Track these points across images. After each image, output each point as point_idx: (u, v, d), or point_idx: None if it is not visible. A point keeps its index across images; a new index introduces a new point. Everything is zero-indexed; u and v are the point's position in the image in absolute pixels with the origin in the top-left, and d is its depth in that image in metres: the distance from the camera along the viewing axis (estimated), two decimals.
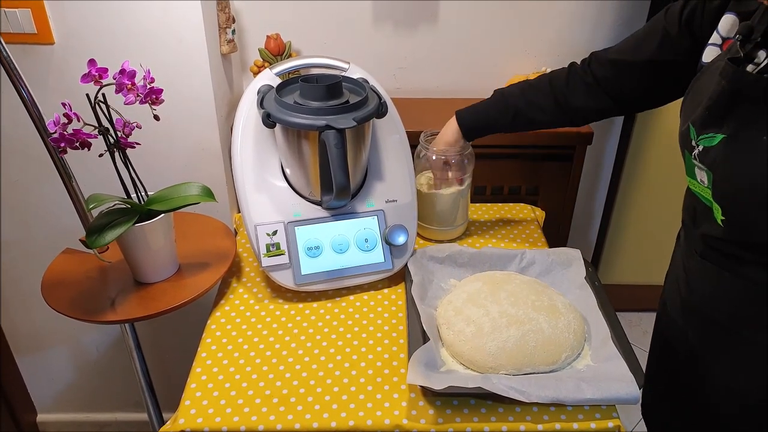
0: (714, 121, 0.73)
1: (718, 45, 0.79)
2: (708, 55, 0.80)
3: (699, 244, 0.86)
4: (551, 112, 1.01)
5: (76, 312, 0.96)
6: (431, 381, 0.80)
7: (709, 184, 0.75)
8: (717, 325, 0.86)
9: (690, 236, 0.89)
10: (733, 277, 0.80)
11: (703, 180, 0.77)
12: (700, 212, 0.82)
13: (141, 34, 1.13)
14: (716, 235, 0.79)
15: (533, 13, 1.45)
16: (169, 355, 1.57)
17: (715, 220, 0.77)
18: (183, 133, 1.24)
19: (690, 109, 0.80)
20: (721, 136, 0.72)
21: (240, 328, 0.99)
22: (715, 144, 0.73)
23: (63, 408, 1.70)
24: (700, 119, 0.75)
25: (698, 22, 0.82)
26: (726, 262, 0.81)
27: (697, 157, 0.76)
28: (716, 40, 0.79)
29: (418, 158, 1.17)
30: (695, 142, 0.76)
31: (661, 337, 1.04)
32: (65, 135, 0.86)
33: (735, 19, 0.76)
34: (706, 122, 0.74)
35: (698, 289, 0.88)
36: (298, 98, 0.96)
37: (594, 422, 0.82)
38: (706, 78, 0.78)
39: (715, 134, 0.73)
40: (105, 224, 0.91)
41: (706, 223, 0.80)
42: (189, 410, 0.84)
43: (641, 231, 1.89)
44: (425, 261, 1.07)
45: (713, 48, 0.79)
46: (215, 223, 1.18)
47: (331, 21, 1.43)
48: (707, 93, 0.74)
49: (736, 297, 0.81)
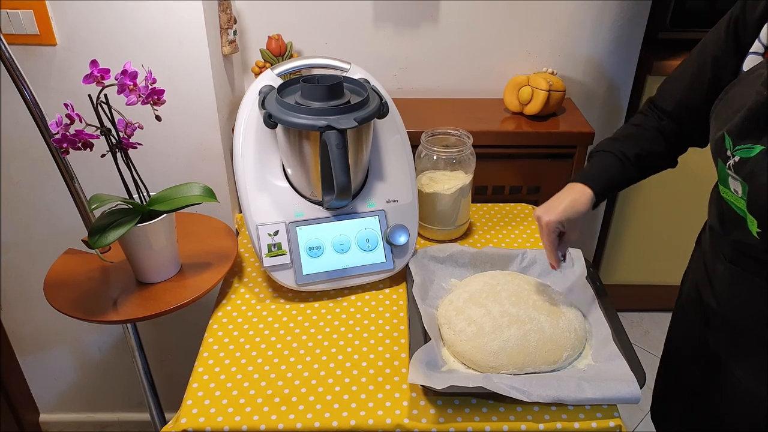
0: (752, 131, 0.71)
1: (760, 54, 0.76)
2: (748, 64, 0.78)
3: (729, 250, 0.83)
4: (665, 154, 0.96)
5: (79, 312, 0.96)
6: (432, 380, 0.80)
7: (744, 195, 0.73)
8: (744, 331, 0.84)
9: (718, 242, 0.87)
10: (765, 283, 0.78)
11: (737, 190, 0.74)
12: (731, 219, 0.80)
13: (143, 34, 1.13)
14: (751, 243, 0.76)
15: (534, 14, 1.45)
16: (170, 355, 1.58)
17: (750, 232, 0.75)
18: (184, 134, 1.24)
19: (724, 116, 0.77)
20: (760, 147, 0.69)
21: (242, 327, 0.99)
22: (753, 155, 0.70)
23: (65, 408, 1.70)
24: (737, 129, 0.72)
25: (742, 30, 0.79)
26: (758, 269, 0.79)
27: (732, 167, 0.74)
28: (758, 49, 0.76)
29: (420, 158, 1.17)
30: (731, 152, 0.73)
31: (677, 341, 1.03)
32: (67, 136, 0.86)
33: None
34: (744, 132, 0.72)
35: (725, 295, 0.86)
36: (300, 99, 0.97)
37: (595, 422, 0.82)
38: (744, 85, 0.75)
39: (754, 145, 0.70)
40: (107, 224, 0.91)
41: (738, 231, 0.78)
42: (191, 410, 0.84)
43: (642, 231, 1.89)
44: (426, 261, 1.07)
45: (755, 56, 0.77)
46: (217, 223, 1.18)
47: (332, 22, 1.43)
48: (745, 102, 0.72)
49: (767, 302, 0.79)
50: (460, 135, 1.17)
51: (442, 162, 1.16)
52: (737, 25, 0.79)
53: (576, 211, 0.90)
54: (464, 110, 1.48)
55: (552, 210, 0.89)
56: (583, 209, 0.90)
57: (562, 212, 0.89)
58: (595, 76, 1.55)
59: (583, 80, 1.55)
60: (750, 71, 0.76)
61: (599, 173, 0.93)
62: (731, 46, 0.80)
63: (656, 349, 1.99)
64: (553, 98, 1.40)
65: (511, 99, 1.45)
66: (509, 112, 1.47)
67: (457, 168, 1.17)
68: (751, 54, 0.77)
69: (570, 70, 1.53)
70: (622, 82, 1.57)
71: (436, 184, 1.16)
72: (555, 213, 0.89)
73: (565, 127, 1.40)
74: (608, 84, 1.57)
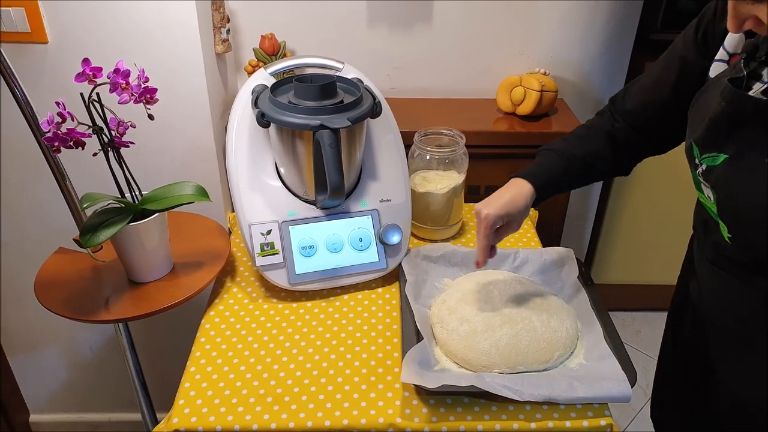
0: (715, 140, 0.72)
1: (725, 61, 0.77)
2: (714, 70, 0.79)
3: (710, 252, 0.85)
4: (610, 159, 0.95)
5: (70, 311, 0.95)
6: (425, 380, 0.80)
7: (715, 202, 0.75)
8: (729, 332, 0.85)
9: (702, 244, 0.89)
10: (741, 285, 0.80)
11: (709, 196, 0.76)
12: (710, 223, 0.81)
13: (135, 33, 1.13)
14: (725, 245, 0.78)
15: (526, 15, 1.45)
16: (162, 355, 1.57)
17: (722, 236, 0.77)
18: (177, 133, 1.24)
19: (693, 124, 0.78)
20: (724, 156, 0.71)
21: (234, 327, 0.99)
22: (718, 164, 0.72)
23: (56, 408, 1.69)
24: (702, 138, 0.74)
25: (711, 34, 0.80)
26: (736, 271, 0.80)
27: (701, 174, 0.76)
28: (723, 56, 0.78)
29: (413, 158, 1.17)
30: (698, 160, 0.75)
31: (673, 344, 1.04)
32: (59, 134, 0.86)
33: (741, 35, 0.75)
34: (708, 142, 0.73)
35: (709, 296, 0.88)
36: (293, 98, 0.97)
37: (586, 420, 0.82)
38: (709, 93, 0.76)
39: (718, 154, 0.72)
40: (99, 223, 0.91)
41: (715, 234, 0.79)
42: (183, 409, 0.84)
43: (634, 231, 1.90)
44: (419, 260, 1.08)
45: (720, 64, 0.78)
46: (209, 222, 1.18)
47: (325, 21, 1.43)
48: (708, 111, 0.73)
49: (746, 304, 0.81)
50: (453, 135, 1.18)
51: (435, 162, 1.17)
52: (707, 28, 0.80)
53: (516, 206, 0.90)
54: (457, 110, 1.49)
55: (492, 204, 0.89)
56: (523, 204, 0.90)
57: (501, 206, 0.89)
58: (586, 77, 1.56)
59: (575, 81, 1.56)
60: (715, 79, 0.77)
61: (542, 171, 0.93)
62: (700, 48, 0.81)
63: (648, 348, 2.00)
64: (545, 99, 1.40)
65: (504, 99, 1.45)
66: (502, 112, 1.48)
67: (450, 168, 1.17)
68: (716, 61, 0.78)
69: (562, 70, 1.54)
70: (614, 83, 1.58)
71: (429, 184, 1.16)
72: (495, 207, 0.88)
73: (557, 128, 1.41)
74: (600, 85, 1.58)
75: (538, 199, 0.92)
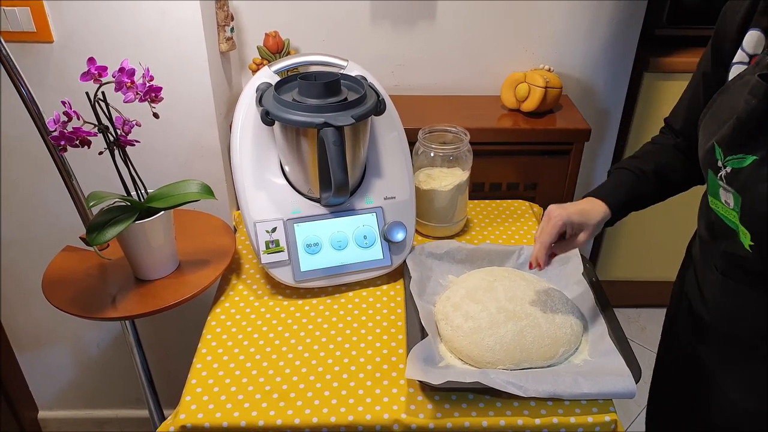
0: (743, 141, 0.68)
1: (745, 63, 0.75)
2: (733, 74, 0.76)
3: (720, 261, 0.82)
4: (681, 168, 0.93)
5: (77, 309, 0.96)
6: (429, 376, 0.80)
7: (736, 207, 0.71)
8: (734, 342, 0.84)
9: (708, 251, 0.85)
10: (758, 294, 0.77)
11: (728, 202, 0.73)
12: (721, 231, 0.78)
13: (140, 32, 1.13)
14: (742, 255, 0.75)
15: (531, 11, 1.45)
16: (169, 352, 1.58)
17: (742, 244, 0.73)
18: (182, 131, 1.24)
19: (713, 126, 0.74)
20: (753, 157, 0.67)
21: (240, 324, 0.99)
22: (746, 166, 0.68)
23: (64, 405, 1.70)
24: (727, 139, 0.70)
25: (723, 42, 0.78)
26: (751, 280, 0.77)
27: (723, 178, 0.72)
28: (742, 58, 0.75)
29: (417, 155, 1.17)
30: (722, 162, 0.72)
31: (668, 352, 1.03)
32: (65, 133, 0.86)
33: (760, 35, 0.73)
34: (735, 142, 0.69)
35: (716, 305, 0.85)
36: (297, 96, 0.97)
37: (591, 416, 0.83)
38: (731, 94, 0.73)
39: (746, 155, 0.68)
40: (105, 222, 0.92)
41: (728, 243, 0.77)
42: (189, 406, 0.85)
43: (639, 227, 1.90)
44: (424, 257, 1.08)
45: (739, 66, 0.76)
46: (215, 220, 1.18)
47: (329, 19, 1.43)
48: (734, 111, 0.69)
49: (761, 313, 0.78)
50: (457, 132, 1.18)
51: (439, 159, 1.17)
52: (717, 38, 0.79)
53: (589, 216, 0.88)
54: (461, 107, 1.48)
55: (565, 206, 0.88)
56: (596, 219, 0.88)
57: (575, 212, 0.87)
58: (591, 73, 1.55)
59: (580, 77, 1.55)
60: (736, 78, 0.75)
61: (614, 188, 0.92)
62: (715, 60, 0.81)
63: (653, 344, 1.99)
64: (549, 95, 1.40)
65: (508, 96, 1.45)
66: (506, 109, 1.47)
67: (455, 165, 1.17)
68: (736, 64, 0.76)
69: (567, 67, 1.53)
70: (619, 79, 1.58)
71: (433, 181, 1.16)
72: (566, 210, 0.87)
73: (562, 124, 1.41)
74: (605, 81, 1.57)
75: (614, 217, 0.91)
